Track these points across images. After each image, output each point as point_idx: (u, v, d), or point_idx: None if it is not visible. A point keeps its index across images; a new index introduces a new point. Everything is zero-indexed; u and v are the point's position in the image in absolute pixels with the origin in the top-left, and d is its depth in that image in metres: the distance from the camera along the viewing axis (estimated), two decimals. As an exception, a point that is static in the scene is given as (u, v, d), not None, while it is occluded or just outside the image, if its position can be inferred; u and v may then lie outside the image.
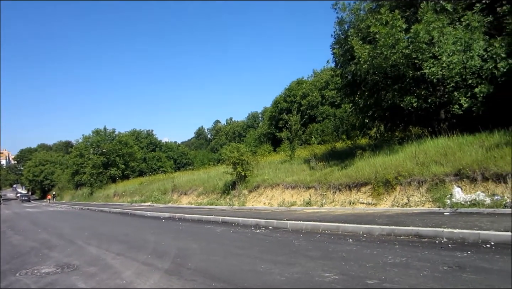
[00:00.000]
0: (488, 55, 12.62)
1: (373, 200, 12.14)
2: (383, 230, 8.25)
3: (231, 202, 18.56)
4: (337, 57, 17.18)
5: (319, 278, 5.30)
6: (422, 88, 14.01)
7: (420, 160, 11.73)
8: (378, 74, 14.72)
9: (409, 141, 14.14)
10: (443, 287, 4.50)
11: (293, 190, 15.97)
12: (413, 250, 6.60)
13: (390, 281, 4.92)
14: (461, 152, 10.98)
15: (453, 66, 12.53)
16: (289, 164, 20.14)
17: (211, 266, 6.56)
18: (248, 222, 12.07)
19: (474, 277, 4.78)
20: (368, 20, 14.78)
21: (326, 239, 8.48)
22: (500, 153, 9.89)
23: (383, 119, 17.36)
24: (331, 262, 6.22)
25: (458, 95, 12.95)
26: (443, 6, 13.97)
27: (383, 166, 12.58)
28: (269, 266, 6.22)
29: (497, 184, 9.52)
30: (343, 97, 20.11)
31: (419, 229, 7.67)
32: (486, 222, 7.61)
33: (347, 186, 13.44)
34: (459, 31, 12.87)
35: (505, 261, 5.38)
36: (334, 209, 12.82)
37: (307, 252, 7.19)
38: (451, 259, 5.74)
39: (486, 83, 12.53)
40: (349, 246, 7.43)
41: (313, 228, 9.77)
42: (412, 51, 13.08)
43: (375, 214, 10.51)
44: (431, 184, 10.80)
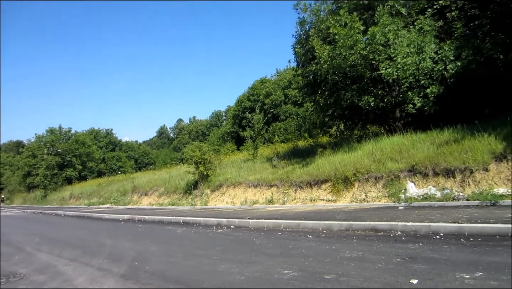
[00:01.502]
0: (438, 57, 13.29)
1: (333, 197, 12.43)
2: (341, 225, 8.47)
3: (193, 202, 18.34)
4: (299, 57, 17.46)
5: (278, 276, 5.35)
6: (379, 88, 14.52)
7: (377, 157, 12.16)
8: (337, 74, 15.09)
9: (367, 139, 14.61)
10: (396, 278, 4.68)
11: (255, 188, 16.03)
12: (369, 243, 6.82)
13: (346, 275, 5.05)
14: (414, 149, 11.49)
15: (407, 67, 13.09)
16: (252, 163, 20.20)
17: (169, 269, 6.44)
18: (210, 221, 11.98)
19: (424, 267, 5.00)
20: (328, 21, 15.12)
21: (287, 236, 8.58)
22: (449, 149, 10.45)
23: (342, 118, 17.83)
24: (291, 259, 6.29)
25: (412, 95, 13.54)
26: (398, 10, 14.57)
27: (342, 163, 12.91)
28: (229, 265, 6.20)
29: (446, 179, 10.05)
30: (304, 96, 20.45)
31: (375, 223, 7.94)
32: (437, 214, 8.01)
33: (308, 183, 13.66)
34: (412, 34, 13.47)
35: (452, 251, 5.69)
36: (296, 206, 13.00)
37: (268, 250, 7.24)
38: (404, 251, 5.99)
39: (437, 84, 13.20)
40: (309, 243, 7.55)
41: (275, 226, 9.86)
42: (370, 52, 13.52)
43: (335, 210, 10.77)
44: (387, 180, 11.22)
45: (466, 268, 4.71)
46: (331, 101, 16.52)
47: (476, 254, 5.38)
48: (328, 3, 16.67)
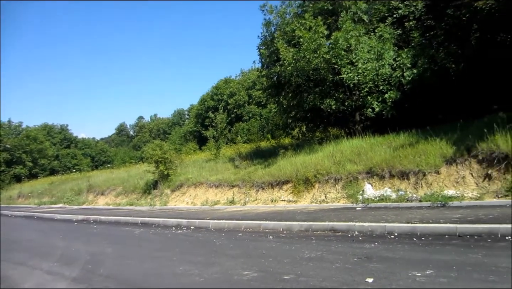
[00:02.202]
0: (396, 64, 13.85)
1: (294, 197, 12.59)
2: (301, 226, 8.58)
3: (152, 202, 17.90)
4: (264, 58, 17.55)
5: (238, 277, 5.33)
6: (341, 92, 14.90)
7: (337, 159, 12.44)
8: (301, 77, 15.31)
9: (328, 141, 14.91)
10: (353, 277, 4.80)
11: (217, 188, 15.91)
12: (328, 244, 6.97)
13: (305, 275, 5.12)
14: (372, 151, 11.87)
15: (367, 72, 13.52)
16: (214, 163, 20.04)
17: (125, 271, 6.25)
18: (169, 222, 11.75)
19: (379, 266, 5.17)
20: (293, 24, 15.31)
21: (247, 237, 8.58)
22: (405, 152, 10.89)
23: (305, 120, 18.11)
24: (251, 259, 6.30)
25: (371, 100, 14.00)
26: (360, 17, 15.03)
27: (303, 165, 13.10)
28: (188, 267, 6.10)
29: (401, 181, 10.48)
30: (268, 97, 20.58)
31: (334, 223, 8.12)
32: (392, 215, 8.32)
33: (269, 184, 13.75)
34: (373, 41, 13.94)
35: (405, 250, 5.93)
36: (257, 207, 13.04)
37: (228, 251, 7.21)
38: (360, 250, 6.16)
39: (394, 90, 13.74)
40: (269, 243, 7.60)
41: (235, 227, 9.83)
42: (332, 56, 13.83)
43: (295, 211, 10.90)
44: (346, 181, 11.52)
45: (418, 266, 4.91)
46: (294, 103, 16.74)
47: (427, 253, 5.64)
48: (294, 6, 16.89)
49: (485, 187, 9.06)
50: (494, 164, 9.08)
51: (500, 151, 9.01)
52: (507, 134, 9.06)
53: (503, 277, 4.25)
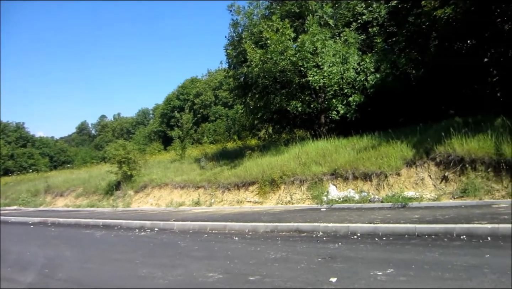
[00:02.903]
0: (360, 68, 14.24)
1: (260, 199, 12.61)
2: (267, 227, 8.61)
3: (114, 204, 17.35)
4: (231, 58, 17.49)
5: (202, 279, 5.26)
6: (307, 94, 15.11)
7: (302, 161, 12.60)
8: (268, 78, 15.39)
9: (293, 143, 15.07)
10: (317, 277, 4.85)
11: (182, 189, 15.66)
12: (293, 244, 7.03)
13: (270, 276, 5.12)
14: (337, 153, 12.12)
15: (332, 76, 13.80)
16: (179, 163, 19.73)
17: (85, 275, 6.00)
18: (133, 224, 11.43)
19: (342, 265, 5.27)
20: (260, 25, 15.37)
21: (213, 238, 8.50)
22: (368, 154, 11.20)
23: (271, 121, 18.23)
24: (216, 261, 6.24)
25: (336, 103, 14.30)
26: (326, 21, 15.32)
27: (269, 166, 13.16)
28: (151, 270, 5.96)
29: (364, 182, 10.76)
30: (235, 98, 20.51)
31: (299, 224, 8.21)
32: (355, 216, 8.52)
33: (236, 185, 13.70)
34: (338, 45, 14.25)
35: (367, 250, 6.08)
36: (223, 208, 12.96)
37: (193, 253, 7.11)
38: (325, 251, 6.26)
39: (358, 93, 14.12)
40: (234, 244, 7.56)
41: (201, 228, 9.71)
42: (299, 59, 13.99)
43: (261, 212, 10.92)
44: (311, 183, 11.68)
45: (379, 266, 5.04)
46: (261, 104, 16.82)
47: (388, 252, 5.81)
48: (261, 7, 16.96)
49: (442, 189, 9.47)
50: (451, 166, 9.53)
51: (456, 154, 9.46)
52: (462, 138, 9.53)
53: (458, 274, 4.44)
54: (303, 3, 15.36)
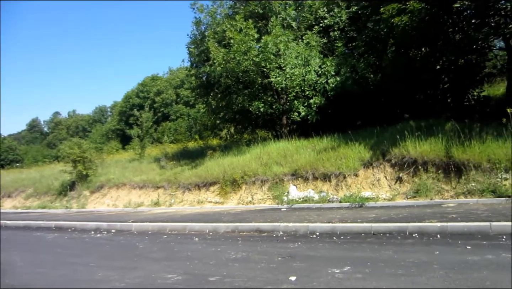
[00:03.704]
0: (322, 71, 14.56)
1: (221, 199, 12.55)
2: (228, 227, 8.58)
3: (68, 205, 16.59)
4: (193, 57, 17.28)
5: (161, 280, 5.14)
6: (269, 95, 15.24)
7: (264, 161, 12.68)
8: (230, 78, 15.37)
9: (255, 143, 15.14)
10: (277, 276, 4.88)
11: (141, 190, 15.27)
12: (254, 244, 7.05)
13: (231, 276, 5.10)
14: (297, 154, 12.31)
15: (294, 77, 14.01)
16: (138, 163, 19.25)
17: (36, 280, 5.68)
18: (88, 226, 10.98)
19: (302, 264, 5.35)
20: (224, 25, 15.31)
21: (172, 239, 8.36)
22: (327, 155, 11.48)
23: (233, 121, 18.21)
24: (176, 262, 6.13)
25: (298, 104, 14.54)
26: (289, 23, 15.55)
27: (231, 166, 13.13)
28: (108, 273, 5.75)
29: (324, 182, 11.02)
30: (197, 97, 20.33)
31: (260, 224, 8.25)
32: (314, 215, 8.69)
33: (196, 185, 13.55)
34: (301, 47, 14.49)
35: (326, 248, 6.21)
36: (183, 208, 12.76)
37: (152, 254, 6.94)
38: (285, 250, 6.32)
39: (319, 95, 14.42)
40: (195, 245, 7.47)
41: (160, 229, 9.52)
42: (262, 60, 14.07)
43: (222, 212, 10.88)
44: (272, 183, 11.79)
45: (337, 264, 5.17)
46: (223, 104, 16.76)
47: (345, 251, 5.97)
48: (225, 6, 16.91)
49: (396, 189, 9.89)
50: (405, 168, 9.97)
51: (410, 156, 9.92)
52: (415, 141, 10.00)
53: (410, 270, 4.64)
54: (266, 4, 15.48)
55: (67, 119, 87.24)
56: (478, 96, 13.89)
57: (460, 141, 9.30)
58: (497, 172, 8.54)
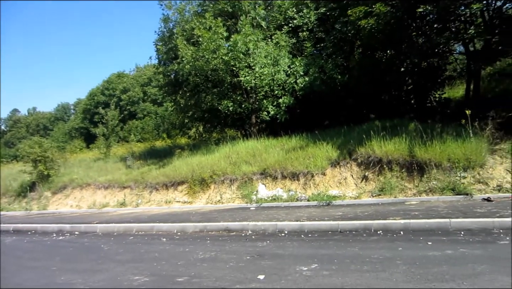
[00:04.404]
0: (291, 71, 14.68)
1: (189, 198, 12.41)
2: (196, 227, 8.49)
3: (28, 206, 15.85)
4: (161, 54, 16.98)
5: (127, 283, 5.02)
6: (238, 94, 15.21)
7: (233, 160, 12.65)
8: (199, 76, 15.21)
9: (224, 142, 15.09)
10: (245, 275, 4.88)
11: (106, 190, 14.82)
12: (222, 243, 7.00)
13: (199, 276, 5.05)
14: (266, 153, 12.37)
15: (264, 77, 14.06)
16: (103, 162, 18.69)
17: (-9, 285, 5.36)
18: (49, 228, 10.54)
19: (270, 263, 5.37)
20: (192, 22, 15.16)
21: (139, 240, 8.17)
22: (296, 155, 11.60)
23: (202, 120, 18.04)
24: (143, 264, 6.00)
25: (267, 104, 14.59)
26: (259, 22, 15.58)
27: (200, 165, 13.00)
28: (70, 276, 5.54)
29: (292, 181, 11.13)
30: (165, 95, 20.01)
31: (229, 223, 8.21)
32: (283, 214, 8.75)
33: (164, 185, 13.32)
34: (270, 47, 14.55)
35: (294, 246, 6.27)
36: (150, 208, 12.52)
37: (117, 256, 6.76)
38: (253, 249, 6.33)
39: (288, 95, 14.54)
40: (162, 246, 7.34)
41: (126, 230, 9.29)
42: (231, 58, 14.03)
43: (190, 212, 10.75)
44: (241, 182, 11.78)
45: (305, 261, 5.23)
46: (192, 102, 16.57)
47: (313, 248, 6.05)
48: (194, 4, 16.71)
49: (362, 187, 10.15)
50: (370, 167, 10.25)
51: (375, 155, 10.20)
52: (381, 141, 10.30)
53: (374, 266, 4.76)
54: (236, 3, 15.44)
55: (27, 117, 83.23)
56: (439, 98, 14.49)
57: (423, 141, 9.66)
58: (456, 171, 8.94)
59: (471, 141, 9.18)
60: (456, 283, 3.99)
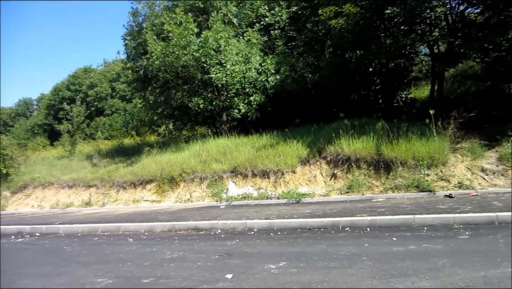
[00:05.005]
0: (262, 69, 14.66)
1: (158, 197, 12.15)
2: (164, 226, 8.32)
3: (-15, 206, 15.04)
4: (129, 49, 16.52)
5: (90, 285, 4.85)
6: (209, 91, 15.04)
7: (203, 158, 12.49)
8: (169, 73, 14.92)
9: (194, 140, 14.85)
10: (213, 274, 4.80)
11: (70, 189, 14.28)
12: (191, 243, 6.90)
13: (166, 276, 4.94)
14: (237, 151, 12.29)
15: (235, 74, 13.95)
16: (68, 160, 18.01)
17: None
18: (8, 230, 9.99)
19: (239, 261, 5.32)
20: (163, 17, 14.83)
21: (104, 241, 7.92)
22: (266, 153, 11.60)
23: (172, 117, 17.72)
24: (107, 265, 5.81)
25: (238, 101, 14.50)
26: (230, 19, 15.44)
27: (169, 163, 12.76)
28: (29, 281, 5.31)
29: (262, 179, 11.12)
30: (133, 91, 19.51)
31: (198, 222, 8.10)
32: (253, 212, 8.73)
33: (132, 183, 12.99)
34: (241, 44, 14.47)
35: (263, 245, 6.25)
36: (117, 208, 12.16)
37: (81, 258, 6.51)
38: (222, 248, 6.26)
39: (259, 93, 14.51)
40: (129, 246, 7.14)
41: (91, 230, 8.99)
42: (202, 55, 13.82)
43: (159, 211, 10.54)
44: (211, 180, 11.65)
45: (273, 259, 5.22)
46: (162, 99, 16.24)
47: (282, 246, 6.05)
48: (164, -1, 16.36)
49: (331, 185, 10.27)
50: (339, 165, 10.39)
51: (344, 154, 10.35)
52: (349, 139, 10.45)
53: (341, 263, 4.82)
54: (207, -1, 15.25)
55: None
56: (405, 98, 14.91)
57: (389, 140, 9.89)
58: (420, 169, 9.22)
59: (434, 140, 9.49)
60: (419, 277, 4.10)
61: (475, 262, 4.40)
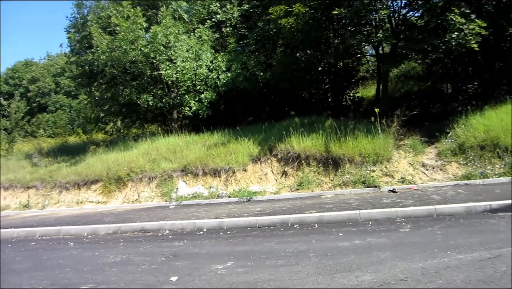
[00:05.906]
0: (213, 66, 14.45)
1: (104, 198, 11.60)
2: (109, 228, 7.95)
3: None
4: (73, 42, 15.61)
5: (21, 295, 4.47)
6: (159, 88, 14.60)
7: (152, 157, 12.10)
8: (117, 68, 14.28)
9: (144, 138, 14.33)
10: (158, 277, 4.63)
11: (6, 191, 13.23)
12: (137, 245, 6.63)
13: (106, 282, 4.70)
14: (188, 149, 12.02)
15: (186, 71, 13.63)
16: (5, 160, 16.69)
17: None
18: None
19: (185, 263, 5.18)
20: (109, 10, 14.18)
21: (42, 246, 7.41)
22: (217, 151, 11.46)
23: (120, 114, 17.03)
24: (43, 272, 5.43)
25: (189, 99, 14.19)
26: (180, 15, 15.09)
27: (116, 163, 12.22)
28: None
29: (213, 178, 10.97)
30: (78, 87, 18.51)
31: (145, 224, 7.82)
32: (203, 211, 8.57)
33: (76, 184, 12.29)
34: (192, 41, 14.18)
35: (212, 244, 6.15)
36: (59, 210, 11.46)
37: (14, 265, 6.03)
38: (169, 249, 6.08)
39: (211, 90, 14.29)
40: (68, 251, 6.72)
41: (28, 235, 8.38)
42: (151, 51, 13.35)
43: (104, 213, 10.07)
44: (160, 180, 11.31)
45: (221, 259, 5.14)
46: (108, 96, 15.53)
47: (230, 245, 5.98)
48: (110, -9, 15.61)
49: (282, 182, 10.36)
50: (290, 162, 10.50)
51: (294, 151, 10.47)
52: (299, 137, 10.60)
53: (289, 260, 4.84)
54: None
55: None
56: (353, 96, 15.44)
57: (337, 137, 10.15)
58: (366, 165, 9.56)
59: (379, 137, 9.88)
60: (362, 271, 4.21)
61: (414, 254, 4.59)
